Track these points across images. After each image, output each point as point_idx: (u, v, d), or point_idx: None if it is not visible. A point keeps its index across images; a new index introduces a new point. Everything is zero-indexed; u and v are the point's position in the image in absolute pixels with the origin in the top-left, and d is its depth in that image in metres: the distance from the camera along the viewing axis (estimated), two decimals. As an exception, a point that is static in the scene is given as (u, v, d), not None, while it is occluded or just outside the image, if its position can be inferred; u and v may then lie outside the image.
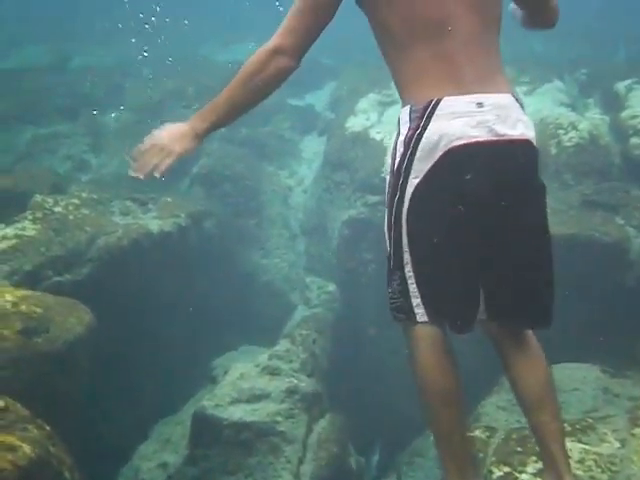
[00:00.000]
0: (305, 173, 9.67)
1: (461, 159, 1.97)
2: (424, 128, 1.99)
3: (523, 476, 3.51)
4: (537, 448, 2.32)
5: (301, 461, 5.06)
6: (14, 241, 5.43)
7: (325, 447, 5.21)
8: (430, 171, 1.99)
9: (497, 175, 2.03)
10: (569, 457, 2.27)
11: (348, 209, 7.67)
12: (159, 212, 7.03)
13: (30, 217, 5.87)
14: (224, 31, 14.26)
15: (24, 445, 2.91)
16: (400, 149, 2.07)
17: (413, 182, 2.03)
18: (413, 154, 2.01)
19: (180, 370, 6.56)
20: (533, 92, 8.62)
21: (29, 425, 3.14)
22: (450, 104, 1.99)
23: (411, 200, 2.03)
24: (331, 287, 7.98)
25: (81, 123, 10.04)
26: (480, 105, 2.01)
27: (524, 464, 3.59)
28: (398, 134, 2.13)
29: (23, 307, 4.42)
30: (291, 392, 5.47)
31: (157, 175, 2.22)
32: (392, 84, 2.21)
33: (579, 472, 3.44)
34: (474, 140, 1.97)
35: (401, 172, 2.06)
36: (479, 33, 2.08)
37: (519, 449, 3.71)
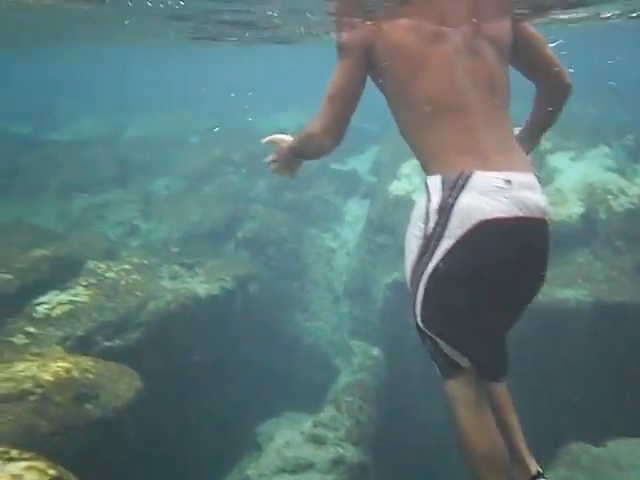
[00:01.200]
0: (348, 236, 9.75)
1: (491, 232, 2.14)
2: (456, 198, 2.14)
3: None
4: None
5: (348, 536, 4.90)
6: (68, 307, 5.57)
7: (373, 522, 5.04)
8: (462, 238, 2.14)
9: (519, 248, 2.23)
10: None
11: (392, 272, 7.65)
12: (206, 276, 7.16)
13: (83, 283, 6.03)
14: (268, 101, 14.75)
15: (76, 517, 2.90)
16: (434, 216, 2.21)
17: (445, 247, 2.19)
18: (447, 221, 2.16)
19: (225, 436, 6.50)
20: (580, 157, 8.60)
21: (81, 496, 3.15)
22: (481, 179, 2.14)
23: (443, 261, 2.20)
24: (375, 351, 7.90)
25: (132, 191, 10.43)
26: (508, 182, 2.16)
27: None
28: (429, 200, 2.25)
29: (75, 373, 4.50)
30: (337, 462, 5.35)
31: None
32: None
33: None
34: (503, 216, 2.13)
35: (434, 237, 2.22)
36: (494, 112, 2.30)
37: (580, 531, 3.53)
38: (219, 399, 6.56)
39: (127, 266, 6.65)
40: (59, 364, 4.53)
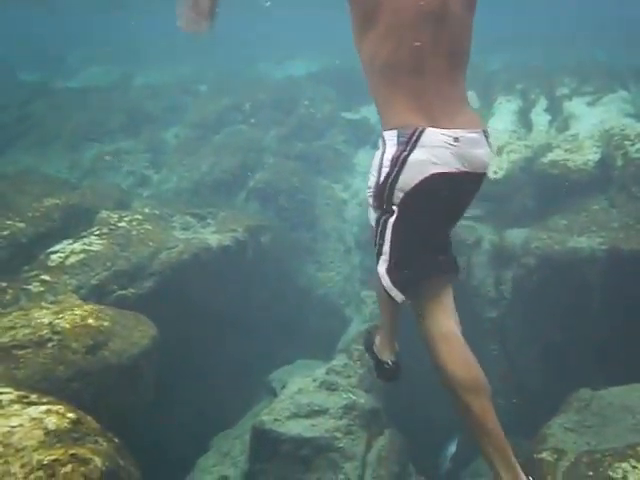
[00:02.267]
0: (360, 186, 9.67)
1: (438, 182, 2.44)
2: (410, 152, 2.39)
3: (595, 502, 3.38)
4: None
5: (360, 478, 5.01)
6: (82, 256, 5.61)
7: (385, 465, 5.15)
8: (414, 188, 2.44)
9: (461, 192, 2.61)
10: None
11: (404, 222, 7.62)
12: (217, 226, 7.15)
13: (97, 232, 6.06)
14: (276, 49, 14.48)
15: (95, 458, 2.97)
16: (387, 165, 2.47)
17: (398, 195, 2.47)
18: (399, 172, 2.43)
19: (238, 382, 6.62)
20: (597, 102, 8.41)
21: (100, 438, 3.21)
22: (432, 136, 2.40)
23: (398, 207, 2.50)
24: (387, 301, 7.92)
25: (142, 140, 10.36)
26: (456, 140, 2.42)
27: (596, 489, 3.46)
28: (384, 152, 2.51)
29: (91, 321, 4.55)
30: (349, 408, 5.43)
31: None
32: None
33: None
34: (449, 170, 2.43)
35: (387, 184, 2.49)
36: (450, 72, 2.50)
37: (590, 473, 3.57)
38: (233, 347, 6.65)
39: (139, 216, 6.65)
40: (75, 312, 4.59)
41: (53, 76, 13.09)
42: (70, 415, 3.16)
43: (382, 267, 2.66)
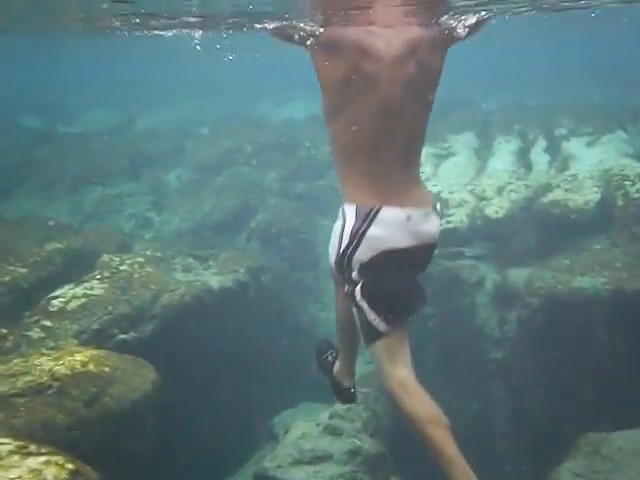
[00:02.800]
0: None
1: (391, 256, 2.71)
2: (367, 228, 2.63)
3: None
4: None
5: (367, 527, 4.89)
6: (83, 300, 5.58)
7: (392, 513, 5.03)
8: (369, 260, 2.68)
9: (414, 259, 2.84)
10: None
11: (406, 263, 7.61)
12: (219, 268, 7.14)
13: (98, 276, 6.04)
14: (276, 91, 14.70)
15: (95, 510, 2.90)
16: (346, 238, 2.71)
17: (356, 265, 2.71)
18: (357, 246, 2.67)
19: (241, 427, 6.50)
20: (596, 143, 8.50)
21: (99, 489, 3.14)
22: (387, 214, 2.65)
23: (359, 275, 2.74)
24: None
25: (144, 182, 10.44)
26: (408, 218, 2.67)
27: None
28: (344, 224, 2.75)
29: (91, 367, 4.50)
30: (354, 453, 5.33)
31: None
32: (448, 137, 2.56)
33: None
34: (400, 246, 2.68)
35: (346, 255, 2.72)
36: (404, 156, 2.74)
37: (602, 522, 3.48)
38: (235, 390, 6.55)
39: (141, 259, 6.65)
40: (75, 358, 4.54)
41: (54, 122, 13.28)
42: (69, 466, 3.09)
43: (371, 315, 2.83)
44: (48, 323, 5.20)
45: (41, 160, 10.68)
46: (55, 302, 5.50)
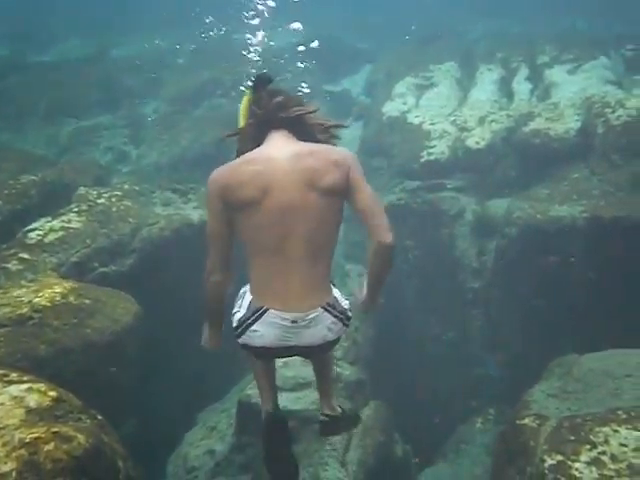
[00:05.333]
0: (341, 156, 9.59)
1: (271, 351, 2.89)
2: (252, 323, 2.80)
3: (577, 465, 3.42)
4: None
5: (347, 448, 5.06)
6: (60, 233, 5.52)
7: (370, 435, 5.20)
8: (250, 346, 2.87)
9: (299, 353, 3.00)
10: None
11: (387, 195, 7.61)
12: (199, 202, 7.07)
13: (75, 209, 5.96)
14: (254, 19, 14.20)
15: (79, 435, 2.94)
16: (235, 321, 2.88)
17: (238, 340, 2.90)
18: (242, 332, 2.84)
19: (224, 357, 6.60)
20: (577, 70, 8.39)
21: (82, 415, 3.19)
22: (273, 317, 2.77)
23: (243, 347, 2.93)
24: (370, 273, 7.93)
25: (121, 115, 10.19)
26: (294, 322, 2.77)
27: (577, 453, 3.50)
28: (240, 305, 2.90)
29: (72, 299, 4.50)
30: (334, 380, 5.45)
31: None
32: (430, 67, 2.45)
33: (636, 460, 3.34)
34: (280, 346, 2.83)
35: (237, 327, 2.87)
36: (305, 258, 2.74)
37: (572, 437, 3.61)
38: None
39: (119, 192, 6.55)
40: (55, 290, 4.54)
41: (25, 50, 12.77)
42: (51, 393, 3.13)
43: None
44: (26, 256, 5.15)
45: (12, 90, 10.32)
46: (32, 235, 5.43)
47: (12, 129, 9.51)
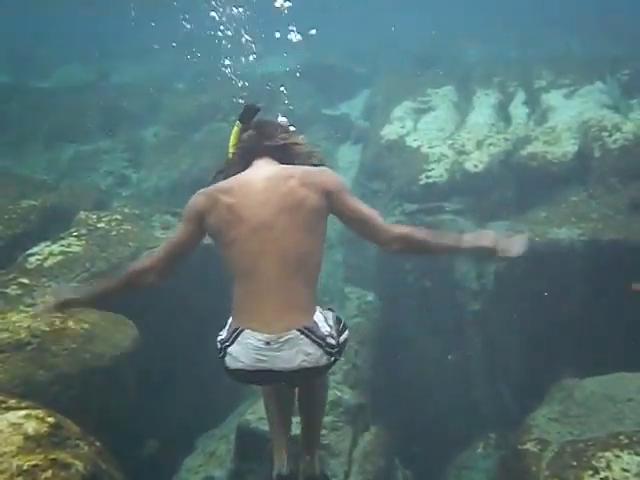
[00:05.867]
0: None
1: (246, 375, 2.82)
2: (230, 344, 2.78)
3: (579, 491, 3.40)
4: None
5: (347, 475, 5.00)
6: (60, 257, 5.53)
7: (371, 460, 5.14)
8: (231, 370, 2.80)
9: (277, 379, 2.87)
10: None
11: (386, 218, 7.61)
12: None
13: (75, 233, 5.97)
14: (253, 45, 14.38)
15: (77, 462, 2.92)
16: (217, 344, 2.86)
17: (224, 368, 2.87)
18: (223, 355, 2.81)
19: (223, 383, 6.56)
20: (574, 94, 8.48)
21: (81, 442, 3.16)
22: (247, 338, 2.73)
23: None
24: (370, 297, 7.92)
25: (121, 139, 10.25)
26: (268, 344, 2.70)
27: (580, 478, 3.48)
28: (223, 329, 2.88)
29: (71, 323, 4.49)
30: (335, 404, 5.41)
31: None
32: (428, 91, 2.44)
33: (639, 486, 3.32)
34: (255, 369, 2.75)
35: (218, 358, 2.86)
36: (281, 279, 2.72)
37: (574, 463, 3.59)
38: (214, 347, 6.58)
39: (118, 216, 6.57)
40: (54, 314, 4.51)
41: (26, 76, 12.89)
42: (50, 419, 3.10)
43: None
44: (25, 280, 5.15)
45: (13, 115, 10.41)
46: (32, 259, 5.44)
47: (12, 154, 9.56)
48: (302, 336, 2.73)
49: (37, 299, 4.99)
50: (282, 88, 11.16)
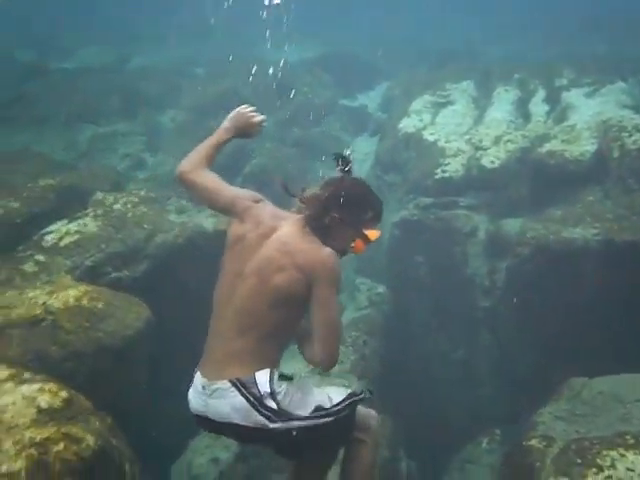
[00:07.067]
0: (356, 174, 9.63)
1: (204, 425, 2.89)
2: (190, 386, 2.87)
3: (583, 488, 3.41)
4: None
5: (352, 463, 5.03)
6: (76, 237, 5.59)
7: (376, 450, 5.16)
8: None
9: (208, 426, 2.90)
10: None
11: (400, 210, 7.63)
12: (214, 211, 7.11)
13: (91, 214, 6.03)
14: (274, 34, 14.38)
15: (88, 436, 2.98)
16: None
17: None
18: None
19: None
20: (595, 94, 8.40)
21: (92, 417, 3.23)
22: (196, 379, 2.82)
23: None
24: (381, 289, 7.94)
25: (139, 122, 10.31)
26: (204, 388, 2.74)
27: (583, 476, 3.49)
28: None
29: (85, 302, 4.55)
30: (341, 394, 5.44)
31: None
32: (447, 85, 2.41)
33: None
34: (198, 413, 2.82)
35: None
36: (234, 328, 2.74)
37: (578, 460, 3.60)
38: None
39: (134, 198, 6.62)
40: (69, 292, 4.59)
41: (48, 56, 12.99)
42: (63, 394, 3.17)
43: None
44: (42, 258, 5.22)
45: (33, 95, 10.48)
46: (48, 237, 5.51)
47: (33, 132, 9.64)
48: (233, 388, 2.67)
49: (52, 277, 5.08)
50: (300, 77, 11.18)
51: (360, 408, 2.91)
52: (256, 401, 2.64)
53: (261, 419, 2.63)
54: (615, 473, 3.43)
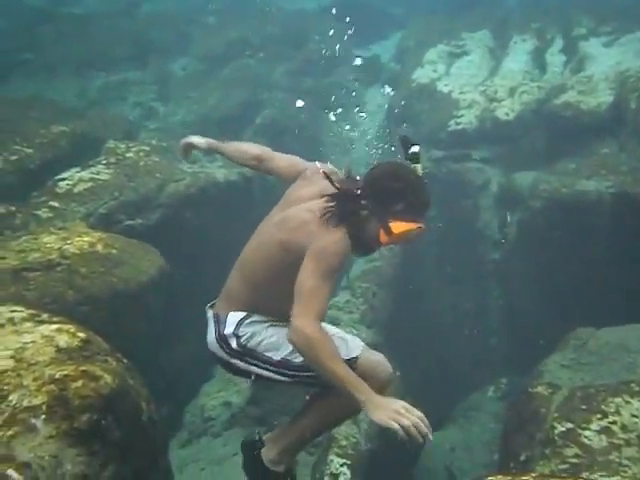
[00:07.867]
0: (368, 125, 9.55)
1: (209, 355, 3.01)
2: None
3: (586, 432, 3.49)
4: None
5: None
6: (89, 184, 5.62)
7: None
8: None
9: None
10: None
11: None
12: (224, 161, 7.10)
13: (104, 162, 6.05)
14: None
15: (106, 375, 3.04)
16: None
17: None
18: None
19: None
20: (614, 43, 8.22)
21: (109, 357, 3.29)
22: (208, 310, 3.01)
23: None
24: (391, 241, 7.95)
25: (149, 71, 10.19)
26: (209, 319, 2.95)
27: (588, 421, 3.56)
28: None
29: (99, 248, 4.61)
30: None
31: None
32: (463, 35, 2.39)
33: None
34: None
35: None
36: (242, 274, 2.92)
37: (583, 407, 3.68)
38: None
39: (146, 147, 6.63)
40: (83, 238, 4.64)
41: (57, 0, 12.75)
42: (80, 334, 3.23)
43: None
44: (56, 204, 5.27)
45: (43, 41, 10.36)
46: (62, 184, 5.55)
47: (44, 79, 9.56)
48: (212, 320, 2.92)
49: (67, 224, 5.13)
50: (312, 26, 10.95)
51: (370, 357, 2.74)
52: (219, 337, 2.83)
53: (223, 354, 2.83)
54: (620, 419, 3.50)
